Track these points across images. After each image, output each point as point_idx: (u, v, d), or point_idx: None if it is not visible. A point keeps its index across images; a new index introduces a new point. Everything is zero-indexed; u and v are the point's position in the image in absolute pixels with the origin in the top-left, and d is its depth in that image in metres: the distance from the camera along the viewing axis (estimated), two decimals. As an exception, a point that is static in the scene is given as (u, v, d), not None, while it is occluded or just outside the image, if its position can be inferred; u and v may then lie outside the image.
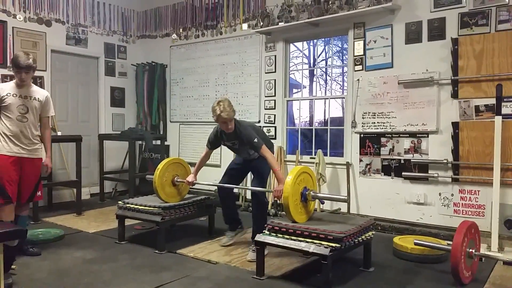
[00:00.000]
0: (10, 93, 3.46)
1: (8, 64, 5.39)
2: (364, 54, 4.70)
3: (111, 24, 6.66)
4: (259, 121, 5.59)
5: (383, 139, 4.57)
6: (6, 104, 3.44)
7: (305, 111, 9.76)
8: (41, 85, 5.69)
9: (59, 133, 5.28)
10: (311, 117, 10.20)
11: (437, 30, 4.24)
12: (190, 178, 3.95)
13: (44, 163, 3.68)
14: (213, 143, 3.85)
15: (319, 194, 3.43)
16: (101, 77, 6.58)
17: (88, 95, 6.49)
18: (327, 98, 5.84)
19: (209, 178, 4.56)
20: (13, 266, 3.06)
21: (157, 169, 4.01)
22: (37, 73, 5.57)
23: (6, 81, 5.25)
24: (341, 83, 11.55)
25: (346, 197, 3.69)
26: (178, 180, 4.09)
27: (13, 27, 5.46)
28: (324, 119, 9.95)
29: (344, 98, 5.20)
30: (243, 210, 5.28)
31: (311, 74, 10.91)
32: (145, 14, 7.02)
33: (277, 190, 3.29)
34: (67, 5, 6.07)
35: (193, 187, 4.20)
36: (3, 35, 5.37)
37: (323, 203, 4.66)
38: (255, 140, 3.50)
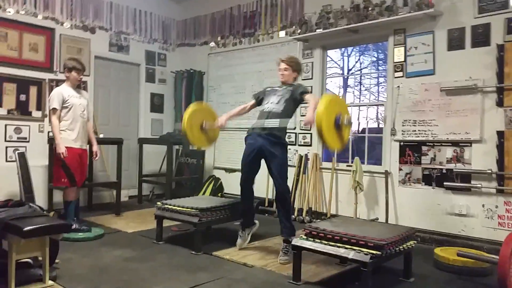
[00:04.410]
0: (70, 95, 4.19)
1: (55, 69, 5.64)
2: (405, 60, 4.62)
3: (152, 32, 6.87)
4: (294, 128, 5.58)
5: (424, 148, 4.46)
6: (70, 104, 4.16)
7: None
8: (85, 89, 5.92)
9: (101, 136, 5.45)
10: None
11: (481, 37, 4.12)
12: (221, 120, 3.92)
13: (96, 152, 4.48)
14: (258, 94, 3.96)
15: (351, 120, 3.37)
16: (141, 83, 6.79)
17: (129, 100, 6.69)
18: (367, 105, 5.77)
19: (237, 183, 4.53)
20: (56, 261, 3.16)
21: (184, 116, 3.92)
22: (82, 78, 5.85)
23: (52, 85, 5.53)
24: (375, 93, 11.43)
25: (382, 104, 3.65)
26: (207, 126, 3.96)
27: (60, 34, 5.72)
28: (358, 128, 9.85)
29: (383, 105, 5.12)
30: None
31: (345, 83, 10.84)
32: (184, 23, 7.19)
33: (308, 117, 3.28)
34: (110, 13, 6.30)
35: (228, 192, 4.23)
36: (51, 41, 5.63)
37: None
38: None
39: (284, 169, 3.67)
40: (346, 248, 2.82)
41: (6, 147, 5.22)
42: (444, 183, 4.27)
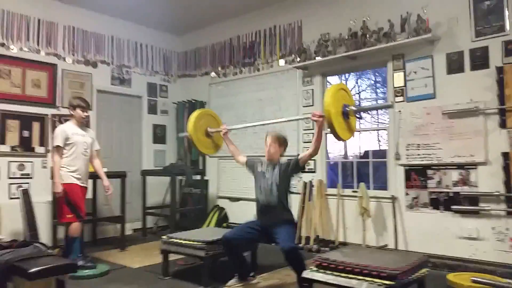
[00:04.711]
0: (74, 132, 4.23)
1: (58, 104, 5.68)
2: (405, 85, 4.66)
3: (153, 64, 6.95)
4: (298, 155, 5.54)
5: (429, 171, 4.45)
6: (73, 141, 4.19)
7: (338, 144, 9.68)
8: (87, 123, 5.94)
9: (104, 169, 5.42)
10: (345, 151, 10.10)
11: (480, 60, 4.17)
12: (225, 126, 4.04)
13: (107, 187, 4.55)
14: (250, 161, 3.90)
15: (360, 107, 3.40)
16: (144, 115, 6.83)
17: (131, 132, 6.71)
18: (369, 130, 5.78)
19: (248, 213, 4.53)
20: (63, 300, 3.10)
21: (189, 120, 3.99)
22: (84, 112, 5.88)
23: (55, 120, 5.56)
24: (375, 116, 11.49)
25: (390, 103, 3.67)
26: (211, 131, 4.06)
27: (62, 69, 5.79)
28: (359, 152, 9.84)
29: (385, 129, 5.14)
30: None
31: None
32: (185, 54, 7.29)
33: (315, 113, 3.28)
34: (112, 47, 6.40)
35: (233, 222, 4.17)
36: (53, 77, 5.69)
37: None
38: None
39: (292, 234, 3.56)
40: (359, 279, 2.76)
41: (10, 184, 5.20)
42: (452, 207, 4.24)
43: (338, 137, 3.19)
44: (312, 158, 5.38)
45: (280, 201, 3.58)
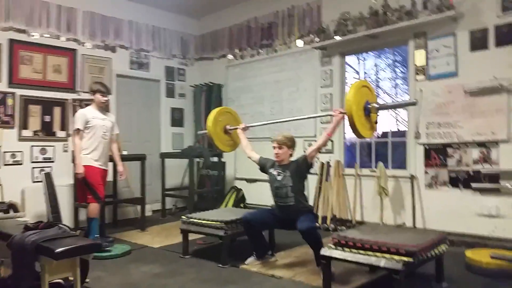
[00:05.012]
0: (94, 116, 4.31)
1: (78, 88, 5.77)
2: (427, 63, 4.56)
3: (171, 48, 6.97)
4: (314, 135, 5.55)
5: (449, 150, 4.38)
6: (93, 125, 4.27)
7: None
8: (107, 108, 6.02)
9: (124, 152, 5.52)
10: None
11: (505, 36, 4.04)
12: (243, 124, 4.15)
13: (121, 171, 4.62)
14: (262, 159, 3.91)
15: (382, 104, 3.40)
16: (162, 98, 6.90)
17: (150, 116, 6.78)
18: (388, 108, 5.68)
19: (265, 193, 4.51)
20: (87, 280, 3.18)
21: (208, 119, 4.10)
22: (103, 96, 5.95)
23: (75, 105, 5.66)
24: (393, 96, 11.27)
25: (415, 101, 3.65)
26: (230, 128, 4.18)
27: (82, 54, 5.86)
28: (377, 132, 9.68)
29: (406, 108, 5.06)
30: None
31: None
32: (202, 38, 7.28)
33: (337, 109, 3.33)
34: (130, 31, 6.43)
35: (250, 203, 4.21)
36: (73, 62, 5.77)
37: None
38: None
39: (312, 218, 3.61)
40: (377, 256, 2.76)
41: (33, 168, 5.34)
42: (472, 185, 4.18)
43: (359, 135, 3.17)
44: (330, 139, 5.39)
45: (297, 201, 3.61)
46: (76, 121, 4.31)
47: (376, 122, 3.35)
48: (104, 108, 4.55)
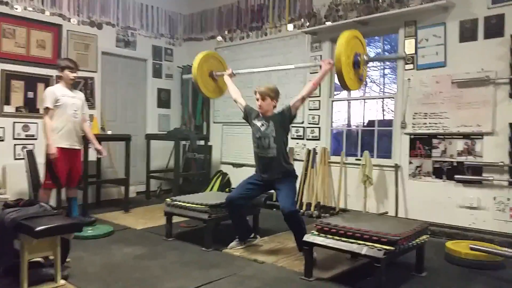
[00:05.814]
0: (63, 94, 4.12)
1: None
2: (416, 52, 4.55)
3: (158, 27, 6.83)
4: (302, 122, 5.54)
5: (435, 141, 4.41)
6: (62, 103, 4.07)
7: (342, 113, 9.61)
8: (92, 86, 5.92)
9: (108, 132, 5.44)
10: (349, 119, 10.01)
11: (494, 28, 4.05)
12: (229, 70, 4.05)
13: (100, 149, 4.46)
14: (248, 107, 3.80)
15: (371, 57, 3.41)
16: (148, 78, 6.77)
17: (136, 96, 6.67)
18: (376, 98, 5.70)
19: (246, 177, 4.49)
20: (67, 259, 3.16)
21: (194, 61, 4.01)
22: (88, 74, 5.84)
23: (60, 82, 5.52)
24: (381, 85, 11.30)
25: (404, 55, 3.67)
26: (217, 73, 4.11)
27: (67, 30, 5.70)
28: (363, 121, 9.75)
29: (393, 98, 5.07)
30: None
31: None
32: (191, 17, 7.15)
33: (325, 60, 3.30)
34: (117, 8, 6.27)
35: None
36: (58, 38, 5.62)
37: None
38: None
39: (293, 193, 3.58)
40: (359, 244, 2.79)
41: (15, 145, 5.23)
42: (455, 176, 4.23)
43: (346, 87, 3.14)
44: (317, 126, 5.39)
45: (279, 153, 3.55)
46: (45, 99, 4.11)
47: (364, 75, 3.33)
48: (72, 86, 4.36)
